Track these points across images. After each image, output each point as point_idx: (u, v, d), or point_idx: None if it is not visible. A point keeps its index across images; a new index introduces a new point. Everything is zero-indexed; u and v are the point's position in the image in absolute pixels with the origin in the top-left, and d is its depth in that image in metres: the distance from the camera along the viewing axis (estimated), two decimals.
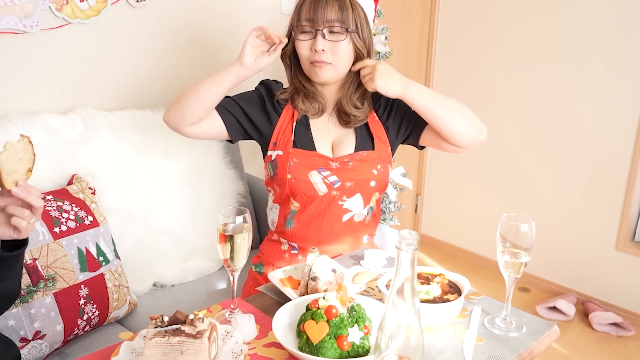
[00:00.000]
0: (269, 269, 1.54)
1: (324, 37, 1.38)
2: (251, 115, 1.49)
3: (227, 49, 2.16)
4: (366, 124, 1.51)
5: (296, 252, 1.52)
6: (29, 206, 0.94)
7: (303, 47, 1.41)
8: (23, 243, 1.00)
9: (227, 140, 1.52)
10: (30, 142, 0.94)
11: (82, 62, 1.78)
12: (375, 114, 1.53)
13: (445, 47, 3.06)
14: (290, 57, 1.48)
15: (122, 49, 1.86)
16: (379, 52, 2.18)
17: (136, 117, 1.77)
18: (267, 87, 1.53)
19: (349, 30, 1.38)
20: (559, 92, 2.64)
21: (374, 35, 2.15)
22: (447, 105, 1.40)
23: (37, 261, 1.31)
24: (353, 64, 1.45)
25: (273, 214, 1.55)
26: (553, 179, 2.74)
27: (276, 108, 1.50)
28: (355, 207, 1.48)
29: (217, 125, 1.46)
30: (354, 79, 1.48)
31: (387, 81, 1.37)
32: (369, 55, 1.45)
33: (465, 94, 3.00)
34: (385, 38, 2.17)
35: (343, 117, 1.50)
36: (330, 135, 1.50)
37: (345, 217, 1.49)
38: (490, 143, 2.93)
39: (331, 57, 1.39)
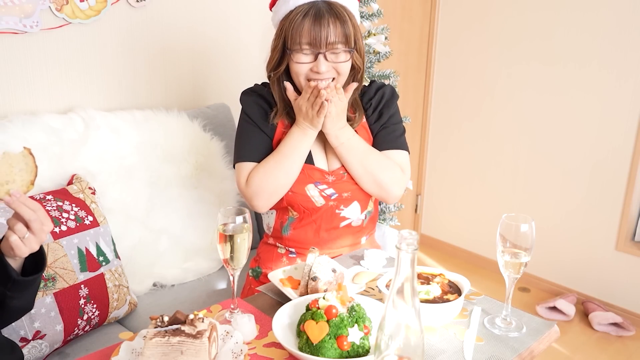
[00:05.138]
0: (268, 272, 1.53)
1: (326, 59, 1.34)
2: (264, 136, 1.46)
3: (227, 48, 2.16)
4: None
5: (294, 255, 1.51)
6: (25, 220, 0.89)
7: (302, 69, 1.36)
8: (41, 268, 0.98)
9: None
10: (30, 153, 0.91)
11: (82, 62, 1.78)
12: (364, 117, 1.50)
13: (445, 47, 3.06)
14: (281, 76, 1.42)
15: (122, 49, 1.86)
16: (378, 52, 2.17)
17: (136, 117, 1.77)
18: (256, 103, 1.47)
19: (351, 50, 1.36)
20: (559, 92, 2.64)
21: (374, 35, 2.15)
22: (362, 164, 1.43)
23: None
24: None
25: (269, 219, 1.53)
26: (553, 179, 2.74)
27: (271, 120, 1.45)
28: (352, 214, 1.48)
29: None
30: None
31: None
32: (360, 68, 1.42)
33: (465, 94, 3.01)
34: (385, 38, 2.16)
35: None
36: (323, 143, 1.47)
37: (343, 224, 1.49)
38: (490, 143, 2.96)
39: (334, 73, 1.37)
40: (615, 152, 2.51)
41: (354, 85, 1.41)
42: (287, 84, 1.39)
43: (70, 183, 1.55)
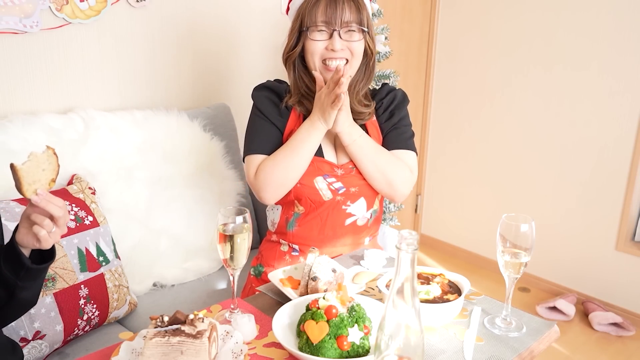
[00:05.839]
0: (270, 270, 1.53)
1: (340, 37, 1.38)
2: (275, 129, 1.48)
3: (227, 48, 2.16)
4: (364, 127, 1.50)
5: (297, 253, 1.51)
6: (50, 216, 0.94)
7: (317, 47, 1.40)
8: (50, 257, 1.01)
9: None
10: (54, 153, 0.96)
11: (82, 62, 1.78)
12: (374, 114, 1.53)
13: (445, 47, 3.06)
14: (296, 60, 1.46)
15: (122, 49, 1.86)
16: (379, 52, 2.17)
17: (136, 117, 1.77)
18: (267, 98, 1.49)
19: (365, 30, 1.40)
20: (559, 92, 2.64)
21: (375, 35, 2.15)
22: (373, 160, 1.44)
23: None
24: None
25: (274, 215, 1.54)
26: (553, 179, 2.74)
27: (282, 114, 1.47)
28: (358, 211, 1.48)
29: None
30: (362, 77, 1.48)
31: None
32: (372, 54, 1.47)
33: (465, 94, 3.01)
34: (385, 38, 2.17)
35: None
36: (332, 138, 1.49)
37: (348, 221, 1.49)
38: (490, 143, 2.96)
39: (348, 54, 1.41)
40: (615, 152, 2.51)
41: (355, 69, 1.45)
42: (317, 74, 1.42)
43: (70, 183, 1.55)
